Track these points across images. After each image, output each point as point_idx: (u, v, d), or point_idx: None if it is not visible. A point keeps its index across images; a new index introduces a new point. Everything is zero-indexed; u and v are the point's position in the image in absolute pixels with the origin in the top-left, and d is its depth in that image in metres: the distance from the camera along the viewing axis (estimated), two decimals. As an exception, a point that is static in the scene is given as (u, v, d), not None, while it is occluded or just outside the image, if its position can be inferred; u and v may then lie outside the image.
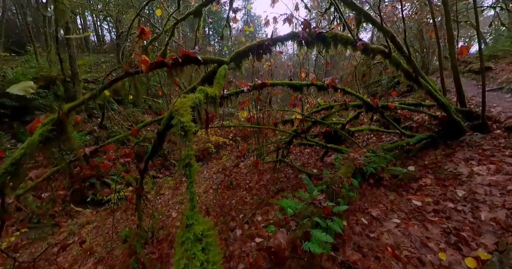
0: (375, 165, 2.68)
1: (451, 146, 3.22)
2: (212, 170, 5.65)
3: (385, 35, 2.45)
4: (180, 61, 1.37)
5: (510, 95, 4.73)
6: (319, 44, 1.78)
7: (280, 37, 1.75)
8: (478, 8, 8.88)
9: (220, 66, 1.59)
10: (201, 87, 1.18)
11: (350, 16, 2.77)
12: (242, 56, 1.75)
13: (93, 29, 20.91)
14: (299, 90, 2.29)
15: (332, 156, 3.78)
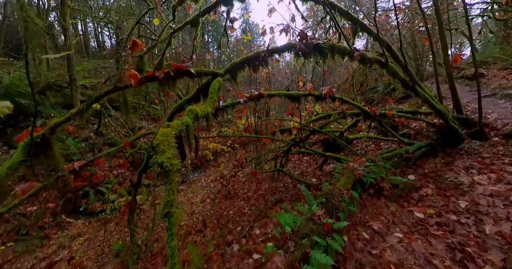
0: (374, 175, 2.60)
1: (450, 154, 3.17)
2: (210, 178, 5.51)
3: (381, 44, 2.43)
4: (172, 74, 1.30)
5: (504, 101, 4.75)
6: (316, 54, 1.74)
7: (276, 49, 1.70)
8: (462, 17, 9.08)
9: (214, 78, 1.53)
10: (190, 107, 1.10)
11: (346, 25, 2.76)
12: (238, 68, 1.70)
13: (93, 35, 21.03)
14: (296, 100, 2.24)
15: (331, 165, 3.70)
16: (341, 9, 2.32)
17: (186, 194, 4.80)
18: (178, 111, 1.72)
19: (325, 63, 1.81)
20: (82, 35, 18.52)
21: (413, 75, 2.64)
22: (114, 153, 2.36)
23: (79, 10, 12.73)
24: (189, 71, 1.37)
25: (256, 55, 1.64)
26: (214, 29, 19.85)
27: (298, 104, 2.34)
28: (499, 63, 8.12)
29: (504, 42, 9.42)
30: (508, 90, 5.17)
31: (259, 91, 1.97)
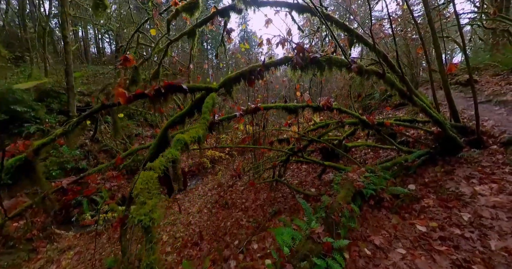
0: (374, 186, 2.52)
1: (450, 162, 3.12)
2: (207, 187, 5.38)
3: (378, 55, 2.41)
4: (162, 91, 1.24)
5: (499, 107, 4.77)
6: (314, 67, 1.70)
7: (273, 62, 1.66)
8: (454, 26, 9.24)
9: (208, 93, 1.47)
10: (178, 137, 1.03)
11: (342, 36, 2.75)
12: (233, 82, 1.65)
13: (94, 41, 21.11)
14: (294, 112, 2.19)
15: (330, 174, 3.63)
16: (337, 21, 2.31)
17: (182, 204, 4.65)
18: (172, 127, 1.65)
19: (323, 75, 1.77)
20: (82, 42, 18.59)
21: (410, 85, 2.61)
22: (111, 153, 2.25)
23: (80, 17, 12.83)
24: (181, 88, 1.31)
25: (251, 69, 1.59)
26: (213, 37, 20.08)
27: (296, 116, 2.29)
28: (491, 70, 8.25)
29: (494, 49, 9.65)
30: (502, 97, 5.21)
31: (255, 105, 1.91)
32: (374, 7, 8.10)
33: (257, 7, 2.13)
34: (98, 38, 20.75)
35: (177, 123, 1.63)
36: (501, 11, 8.77)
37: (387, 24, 8.21)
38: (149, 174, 0.85)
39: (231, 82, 1.63)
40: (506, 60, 7.91)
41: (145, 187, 0.81)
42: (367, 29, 8.46)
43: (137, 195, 0.78)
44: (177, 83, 1.29)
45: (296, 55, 1.52)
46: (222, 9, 2.37)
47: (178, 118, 1.62)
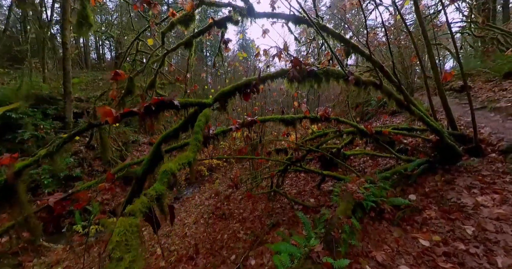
0: (375, 198, 2.44)
1: (450, 171, 3.06)
2: (204, 195, 5.23)
3: (374, 65, 2.39)
4: (153, 108, 1.17)
5: (494, 114, 4.78)
6: (311, 80, 1.66)
7: (269, 75, 1.61)
8: (445, 35, 9.46)
9: (202, 109, 1.40)
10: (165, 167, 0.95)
11: (338, 46, 2.74)
12: (228, 96, 1.59)
13: (94, 48, 21.19)
14: (291, 124, 2.13)
15: (329, 182, 3.54)
16: (334, 32, 2.30)
17: (178, 214, 4.49)
18: (166, 141, 1.57)
19: (320, 87, 1.73)
20: (83, 48, 18.65)
21: (407, 94, 2.58)
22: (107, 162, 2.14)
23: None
24: (172, 104, 1.24)
25: (247, 83, 1.54)
26: (213, 45, 20.31)
27: (293, 128, 2.24)
28: (483, 76, 8.37)
29: (485, 56, 9.87)
30: (496, 103, 5.23)
31: (251, 118, 1.84)
32: (368, 16, 8.28)
33: (254, 18, 2.11)
34: (99, 44, 20.86)
35: (171, 138, 1.56)
36: (489, 20, 9.07)
37: (381, 33, 8.37)
38: (128, 221, 0.76)
39: (226, 96, 1.57)
40: (497, 67, 8.05)
41: (123, 239, 0.71)
42: (361, 37, 8.62)
43: (113, 249, 0.69)
44: (168, 99, 1.23)
45: (293, 68, 1.48)
46: (219, 20, 2.36)
47: (172, 133, 1.54)
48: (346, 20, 5.24)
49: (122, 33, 12.10)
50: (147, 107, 1.14)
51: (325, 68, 1.66)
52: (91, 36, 19.41)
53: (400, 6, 7.63)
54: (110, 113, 1.04)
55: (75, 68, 15.02)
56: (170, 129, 1.58)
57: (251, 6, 1.95)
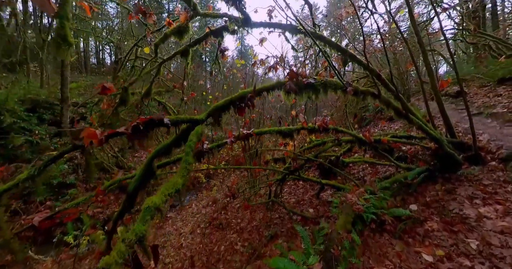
0: (375, 209, 2.34)
1: (450, 180, 2.98)
2: (201, 203, 5.08)
3: (371, 74, 2.34)
4: (141, 128, 1.09)
5: (491, 120, 4.75)
6: (308, 91, 1.59)
7: (264, 87, 1.55)
8: (439, 41, 9.60)
9: (194, 125, 1.32)
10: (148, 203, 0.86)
11: (335, 55, 2.70)
12: (221, 111, 1.51)
13: (94, 52, 21.19)
14: (289, 136, 2.06)
15: (329, 191, 3.44)
16: (331, 41, 2.26)
17: (175, 223, 4.34)
18: (158, 157, 1.48)
19: (318, 99, 1.67)
20: (83, 52, 18.64)
21: (405, 103, 2.53)
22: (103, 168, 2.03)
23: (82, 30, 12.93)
24: (162, 122, 1.16)
25: (241, 96, 1.47)
26: (212, 51, 20.40)
27: (291, 139, 2.16)
28: (476, 81, 8.44)
29: (478, 62, 10.02)
30: (492, 109, 5.22)
31: (247, 131, 1.77)
32: (364, 24, 8.38)
33: (250, 28, 2.07)
34: (99, 49, 20.87)
35: (163, 153, 1.47)
36: (480, 28, 9.28)
37: (376, 39, 8.45)
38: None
39: (219, 111, 1.50)
40: (490, 73, 8.12)
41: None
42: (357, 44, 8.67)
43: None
44: (158, 118, 1.15)
45: (289, 81, 1.42)
46: (215, 29, 2.32)
47: (164, 149, 1.46)
48: (342, 28, 5.27)
49: (122, 39, 12.11)
50: (135, 127, 1.06)
51: (323, 80, 1.60)
52: (92, 41, 19.45)
53: (394, 14, 7.74)
54: (94, 135, 0.95)
55: (74, 73, 14.94)
56: (162, 145, 1.50)
57: (247, 16, 1.91)
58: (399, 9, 9.49)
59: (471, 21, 9.69)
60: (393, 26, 5.64)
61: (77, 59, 16.09)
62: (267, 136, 5.22)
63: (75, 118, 6.65)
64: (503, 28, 10.27)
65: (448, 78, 2.97)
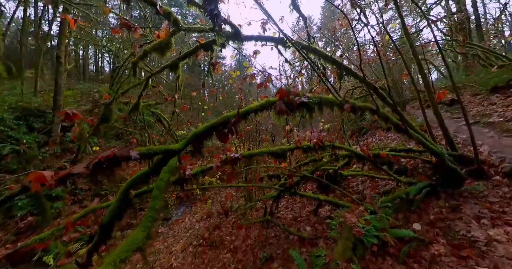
0: (377, 232, 2.11)
1: (454, 196, 2.78)
2: (195, 217, 4.78)
3: (368, 87, 2.19)
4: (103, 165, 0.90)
5: (488, 130, 4.61)
6: (302, 110, 1.43)
7: (251, 109, 1.38)
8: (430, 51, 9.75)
9: (169, 156, 1.13)
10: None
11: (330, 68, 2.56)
12: (202, 138, 1.32)
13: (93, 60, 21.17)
14: (281, 157, 1.88)
15: (327, 207, 3.21)
16: (325, 54, 2.13)
17: (166, 239, 4.03)
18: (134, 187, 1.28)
19: (312, 117, 1.50)
20: (82, 60, 18.58)
21: (404, 117, 2.37)
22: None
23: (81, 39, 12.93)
24: (129, 157, 0.97)
25: (224, 121, 1.29)
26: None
27: (284, 160, 1.98)
28: (469, 89, 8.43)
29: (468, 71, 10.12)
30: (488, 118, 5.10)
31: (234, 155, 1.58)
32: (357, 35, 8.45)
33: (241, 41, 1.94)
34: (98, 57, 20.84)
35: (140, 183, 1.28)
36: (467, 38, 9.52)
37: (369, 49, 8.49)
38: None
39: (200, 138, 1.30)
40: (482, 81, 8.12)
41: None
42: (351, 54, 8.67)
43: None
44: (121, 154, 0.95)
45: (279, 100, 1.25)
46: (205, 43, 2.19)
47: (140, 178, 1.26)
48: (336, 39, 5.24)
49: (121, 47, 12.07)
50: (96, 165, 0.87)
51: (317, 98, 1.43)
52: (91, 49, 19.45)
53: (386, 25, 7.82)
54: (43, 179, 0.76)
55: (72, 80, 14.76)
56: (138, 173, 1.30)
57: (237, 30, 1.79)
58: (390, 22, 9.63)
59: (458, 32, 9.92)
60: (386, 37, 5.63)
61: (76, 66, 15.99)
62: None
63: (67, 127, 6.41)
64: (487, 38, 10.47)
65: (444, 91, 2.84)
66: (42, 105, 7.46)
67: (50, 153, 5.96)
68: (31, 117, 6.84)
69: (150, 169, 1.24)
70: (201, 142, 1.30)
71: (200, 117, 9.36)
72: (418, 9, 7.96)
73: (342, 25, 4.65)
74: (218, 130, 1.28)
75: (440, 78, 13.90)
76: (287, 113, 1.23)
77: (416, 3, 4.00)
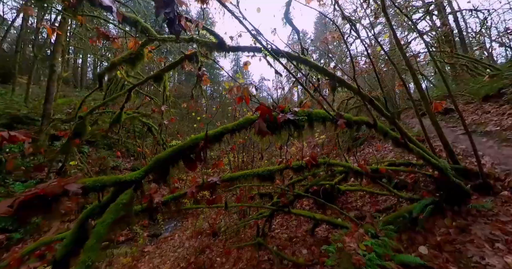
0: (379, 261, 1.81)
1: (460, 214, 2.50)
2: (186, 233, 4.38)
3: (363, 99, 2.00)
4: (30, 207, 0.66)
5: (486, 139, 4.42)
6: (288, 127, 1.22)
7: (225, 130, 1.17)
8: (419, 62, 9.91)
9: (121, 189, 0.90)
10: None
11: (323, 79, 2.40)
12: (167, 164, 1.08)
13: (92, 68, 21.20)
14: (269, 180, 1.64)
15: (325, 225, 2.89)
16: (317, 65, 1.97)
17: (152, 260, 3.61)
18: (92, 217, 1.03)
19: (301, 136, 1.29)
20: (80, 68, 18.56)
21: (403, 130, 2.16)
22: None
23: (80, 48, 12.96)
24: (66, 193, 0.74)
25: (192, 144, 1.07)
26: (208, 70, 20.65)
27: (271, 183, 1.74)
28: (460, 98, 8.39)
29: (458, 80, 10.23)
30: (485, 127, 4.94)
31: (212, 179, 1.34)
32: (350, 47, 8.55)
33: (226, 52, 1.79)
34: (97, 65, 20.89)
35: (98, 214, 1.03)
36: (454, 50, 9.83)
37: (361, 61, 8.55)
38: None
39: (164, 165, 1.07)
40: (473, 90, 8.10)
41: None
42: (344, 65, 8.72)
43: None
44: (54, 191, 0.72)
45: (259, 119, 1.02)
46: (190, 54, 2.05)
47: (98, 209, 1.02)
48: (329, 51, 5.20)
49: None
50: (21, 206, 0.64)
51: (306, 113, 1.23)
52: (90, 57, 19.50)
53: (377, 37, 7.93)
54: None
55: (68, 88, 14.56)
56: (94, 205, 1.05)
57: (221, 40, 1.63)
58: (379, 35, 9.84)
59: (444, 44, 10.19)
60: (378, 49, 5.61)
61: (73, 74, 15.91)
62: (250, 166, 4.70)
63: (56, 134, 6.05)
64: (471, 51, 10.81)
65: (441, 102, 2.67)
66: (32, 112, 7.16)
67: (34, 163, 5.57)
68: (18, 125, 6.52)
69: (108, 198, 0.99)
70: (165, 169, 1.05)
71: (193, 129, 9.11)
72: (406, 22, 8.11)
73: (334, 37, 4.61)
74: (185, 156, 1.04)
75: (431, 87, 14.06)
76: (268, 133, 1.00)
77: (408, 17, 3.96)
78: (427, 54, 8.61)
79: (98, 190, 0.91)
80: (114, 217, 0.78)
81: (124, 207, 0.84)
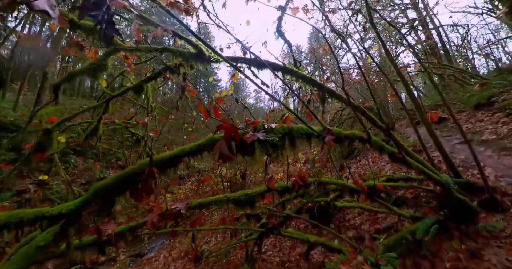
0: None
1: (469, 235, 2.20)
2: (173, 254, 3.94)
3: (355, 111, 1.81)
4: None
5: (484, 148, 4.20)
6: (266, 147, 1.01)
7: (182, 153, 0.96)
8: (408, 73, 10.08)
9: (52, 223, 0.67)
10: None
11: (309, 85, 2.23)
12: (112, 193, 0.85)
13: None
14: (248, 205, 1.39)
15: (321, 248, 2.56)
16: (303, 75, 1.82)
17: (133, 287, 3.16)
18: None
19: (282, 155, 1.08)
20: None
21: (401, 143, 1.95)
22: None
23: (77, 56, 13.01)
24: None
25: (137, 171, 0.84)
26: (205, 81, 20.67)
27: (251, 209, 1.50)
28: (452, 107, 8.33)
29: (447, 90, 10.36)
30: (481, 136, 4.75)
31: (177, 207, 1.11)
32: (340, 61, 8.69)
33: (205, 62, 1.65)
34: None
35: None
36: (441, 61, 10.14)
37: (353, 73, 8.63)
38: None
39: (107, 194, 0.84)
40: (464, 99, 8.07)
41: None
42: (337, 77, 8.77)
43: None
44: None
45: (222, 140, 0.78)
46: (170, 65, 1.90)
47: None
48: (320, 63, 5.18)
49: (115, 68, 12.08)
50: None
51: (285, 130, 1.03)
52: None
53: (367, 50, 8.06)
54: None
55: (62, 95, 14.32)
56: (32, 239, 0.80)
57: (200, 51, 1.49)
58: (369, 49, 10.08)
59: (431, 56, 10.51)
60: (369, 60, 5.59)
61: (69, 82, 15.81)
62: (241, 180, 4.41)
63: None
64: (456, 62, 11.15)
65: (436, 111, 2.49)
66: (19, 120, 6.84)
67: (16, 173, 5.15)
68: (3, 132, 6.14)
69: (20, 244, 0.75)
70: (109, 198, 0.81)
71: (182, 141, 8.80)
72: (394, 37, 8.30)
73: (326, 50, 4.59)
74: (131, 184, 0.80)
75: (421, 97, 14.24)
76: (231, 159, 0.76)
77: (396, 28, 3.93)
78: (417, 65, 8.75)
79: (14, 228, 0.66)
80: (22, 265, 0.52)
81: (42, 251, 0.58)
